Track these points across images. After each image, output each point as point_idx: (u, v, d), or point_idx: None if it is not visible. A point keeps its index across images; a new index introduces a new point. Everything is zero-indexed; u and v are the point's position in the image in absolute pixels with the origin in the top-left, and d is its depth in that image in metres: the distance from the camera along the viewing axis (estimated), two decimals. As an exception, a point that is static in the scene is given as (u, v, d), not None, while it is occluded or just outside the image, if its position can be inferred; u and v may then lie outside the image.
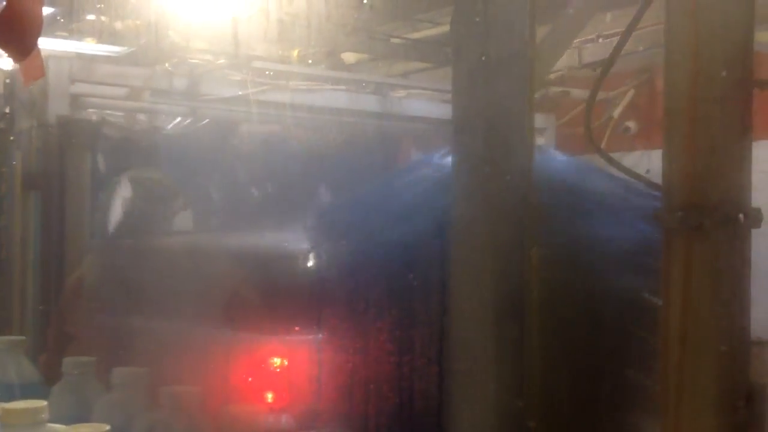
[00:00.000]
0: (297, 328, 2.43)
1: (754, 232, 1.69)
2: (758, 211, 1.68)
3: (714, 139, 1.66)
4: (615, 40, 3.97)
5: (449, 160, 2.14)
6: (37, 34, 1.30)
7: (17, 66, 3.58)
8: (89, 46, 3.81)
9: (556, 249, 1.92)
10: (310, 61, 4.41)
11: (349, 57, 4.95)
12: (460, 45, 1.92)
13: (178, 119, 4.45)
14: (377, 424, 2.22)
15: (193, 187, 4.01)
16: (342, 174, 4.20)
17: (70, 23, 3.77)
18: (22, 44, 1.29)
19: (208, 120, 4.37)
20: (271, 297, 2.54)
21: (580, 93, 4.50)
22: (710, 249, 1.64)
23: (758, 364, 1.74)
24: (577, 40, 3.85)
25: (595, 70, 4.11)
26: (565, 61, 4.23)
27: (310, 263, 2.44)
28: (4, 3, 1.25)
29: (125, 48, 3.87)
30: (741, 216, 1.66)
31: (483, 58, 1.81)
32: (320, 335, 2.34)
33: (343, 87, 4.33)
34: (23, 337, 2.32)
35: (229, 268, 2.74)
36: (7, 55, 1.33)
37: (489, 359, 1.74)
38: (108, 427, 1.41)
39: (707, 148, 1.66)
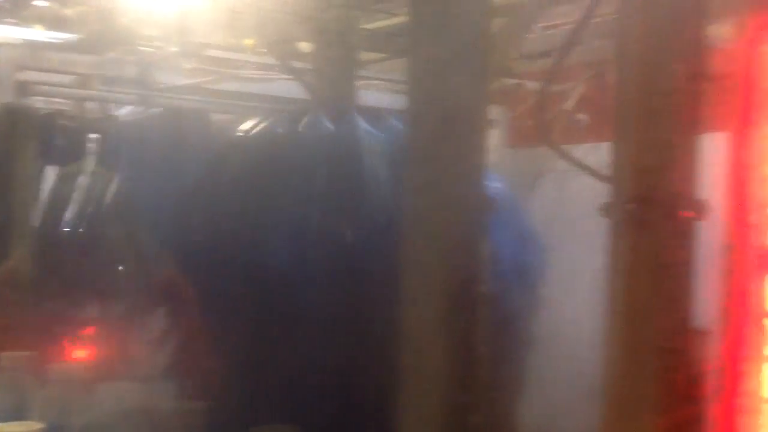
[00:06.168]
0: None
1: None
2: (705, 203, 1.70)
3: (664, 132, 1.66)
4: (554, 32, 3.98)
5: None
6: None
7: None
8: (37, 33, 3.72)
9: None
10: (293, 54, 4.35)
11: (305, 47, 4.89)
12: (416, 36, 1.90)
13: (129, 108, 4.38)
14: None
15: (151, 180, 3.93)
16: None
17: (17, 10, 3.68)
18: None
19: (160, 108, 4.29)
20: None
21: (534, 85, 4.49)
22: (656, 242, 1.65)
23: (700, 354, 1.76)
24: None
25: (534, 61, 4.07)
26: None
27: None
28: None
29: (74, 35, 3.79)
30: (688, 209, 1.67)
31: (443, 50, 1.79)
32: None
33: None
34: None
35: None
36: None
37: (437, 354, 1.73)
38: (41, 425, 1.35)
39: (656, 141, 1.66)
